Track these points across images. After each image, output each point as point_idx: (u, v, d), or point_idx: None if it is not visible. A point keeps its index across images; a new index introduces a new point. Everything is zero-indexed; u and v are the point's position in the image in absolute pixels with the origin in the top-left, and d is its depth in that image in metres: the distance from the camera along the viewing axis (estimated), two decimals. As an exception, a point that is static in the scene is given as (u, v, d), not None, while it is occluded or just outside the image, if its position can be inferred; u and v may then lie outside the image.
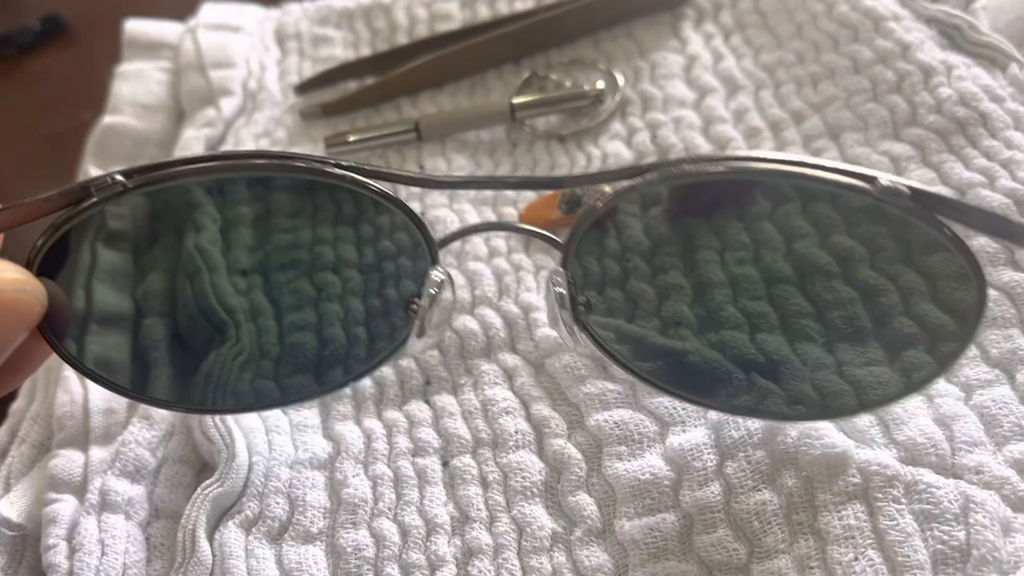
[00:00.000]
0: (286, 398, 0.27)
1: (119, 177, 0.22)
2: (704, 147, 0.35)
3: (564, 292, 0.25)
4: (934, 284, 0.23)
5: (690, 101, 0.38)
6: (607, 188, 0.34)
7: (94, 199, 0.22)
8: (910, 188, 0.21)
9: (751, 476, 0.26)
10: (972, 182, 0.31)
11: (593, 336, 0.26)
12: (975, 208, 0.22)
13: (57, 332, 0.23)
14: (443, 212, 0.36)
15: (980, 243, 0.29)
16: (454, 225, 0.35)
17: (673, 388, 0.26)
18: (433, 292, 0.25)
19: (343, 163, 0.23)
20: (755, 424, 0.26)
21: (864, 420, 0.26)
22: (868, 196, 0.22)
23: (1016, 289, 0.27)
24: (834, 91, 0.36)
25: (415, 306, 0.26)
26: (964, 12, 0.36)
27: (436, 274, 0.25)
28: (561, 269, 0.25)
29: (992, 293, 0.28)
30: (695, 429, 0.27)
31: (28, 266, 0.22)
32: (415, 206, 0.36)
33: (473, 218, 0.36)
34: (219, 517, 0.28)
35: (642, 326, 0.26)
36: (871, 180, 0.21)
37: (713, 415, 0.27)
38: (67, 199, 0.22)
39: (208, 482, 0.28)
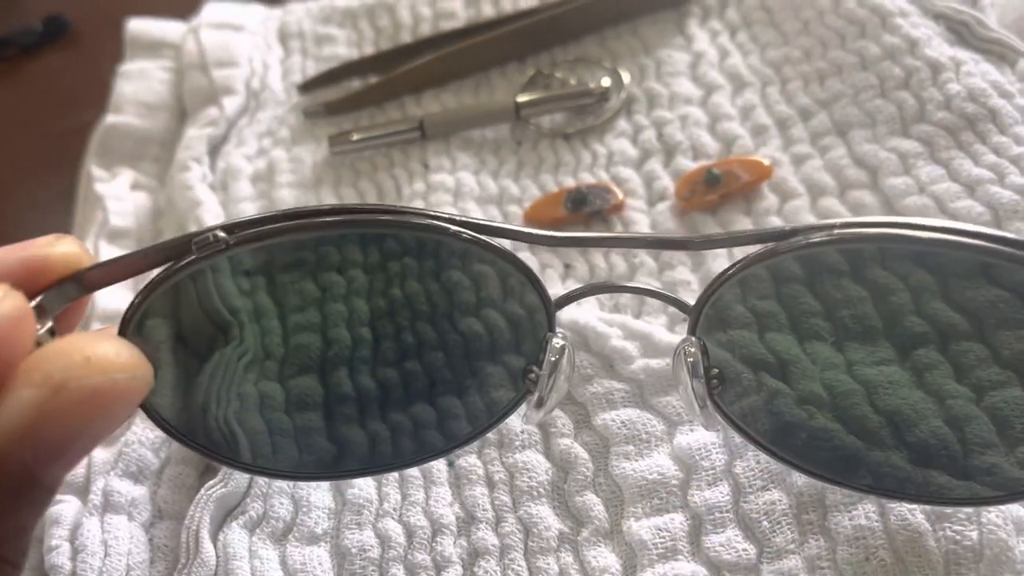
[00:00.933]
0: (385, 464, 0.26)
1: (221, 234, 0.21)
2: (710, 145, 0.35)
3: (697, 363, 0.23)
4: None
5: (696, 98, 0.37)
6: (617, 192, 0.34)
7: (194, 256, 0.21)
8: None
9: (760, 475, 0.26)
10: (981, 179, 0.30)
11: (725, 412, 0.24)
12: None
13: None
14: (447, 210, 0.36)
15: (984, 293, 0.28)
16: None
17: (814, 469, 0.24)
18: (553, 360, 0.23)
19: (456, 218, 0.22)
20: (764, 423, 0.26)
21: (874, 421, 0.26)
22: None
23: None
24: (841, 87, 0.35)
25: (532, 375, 0.24)
26: (972, 8, 0.36)
27: (557, 340, 0.23)
28: (692, 338, 0.23)
29: (1004, 294, 0.27)
30: (703, 428, 0.27)
31: (123, 330, 0.21)
32: (418, 204, 0.36)
33: (476, 215, 0.35)
34: (223, 518, 0.27)
35: (779, 404, 0.23)
36: None
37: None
38: (166, 254, 0.21)
39: (212, 483, 0.27)
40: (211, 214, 0.36)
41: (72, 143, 0.45)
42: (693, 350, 0.23)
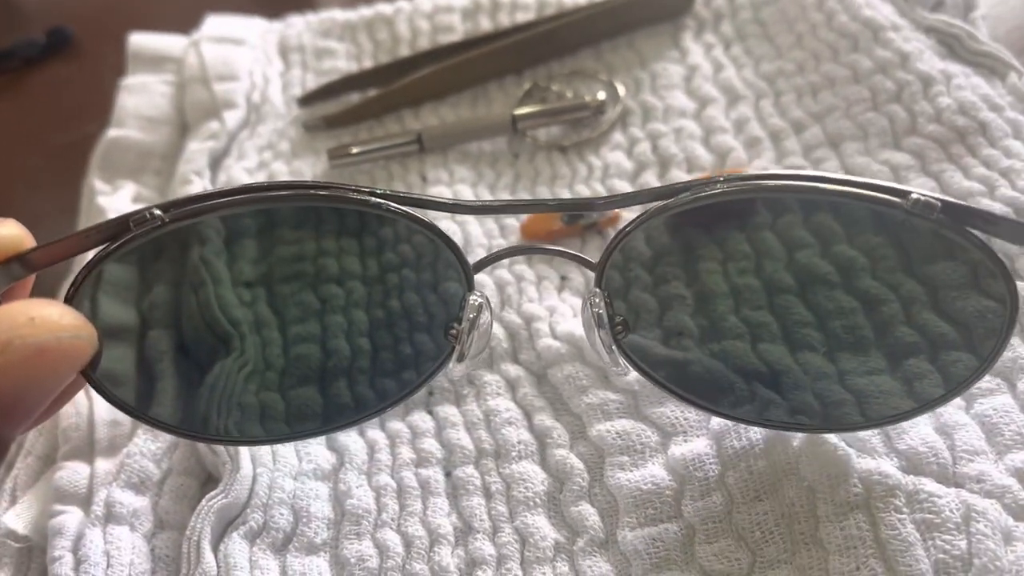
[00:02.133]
0: (321, 425, 0.27)
1: (157, 212, 0.22)
2: (705, 157, 0.36)
3: (602, 313, 0.25)
4: (967, 294, 0.24)
5: (691, 111, 0.38)
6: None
7: (133, 233, 0.22)
8: (941, 201, 0.22)
9: (753, 486, 0.26)
10: (972, 191, 0.31)
11: (630, 357, 0.26)
12: (1005, 219, 0.22)
13: (94, 368, 0.23)
14: (444, 222, 0.36)
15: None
16: (455, 235, 0.35)
17: (715, 407, 0.26)
18: (472, 316, 0.25)
19: (377, 190, 0.24)
20: (756, 434, 0.26)
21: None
22: (900, 210, 0.22)
23: (964, 270, 0.27)
24: (834, 101, 0.36)
25: (454, 331, 0.25)
26: (963, 22, 0.36)
27: (474, 298, 0.25)
28: (597, 290, 0.25)
29: (992, 304, 0.28)
30: (697, 439, 0.27)
31: (68, 300, 0.22)
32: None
33: (475, 227, 0.36)
34: (224, 528, 0.28)
35: (677, 344, 0.26)
36: (903, 195, 0.22)
37: (715, 424, 0.27)
38: (105, 234, 0.22)
39: (212, 493, 0.28)
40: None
41: (74, 156, 0.45)
42: (598, 300, 0.25)
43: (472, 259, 0.25)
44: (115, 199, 0.40)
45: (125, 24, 0.49)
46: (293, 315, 0.26)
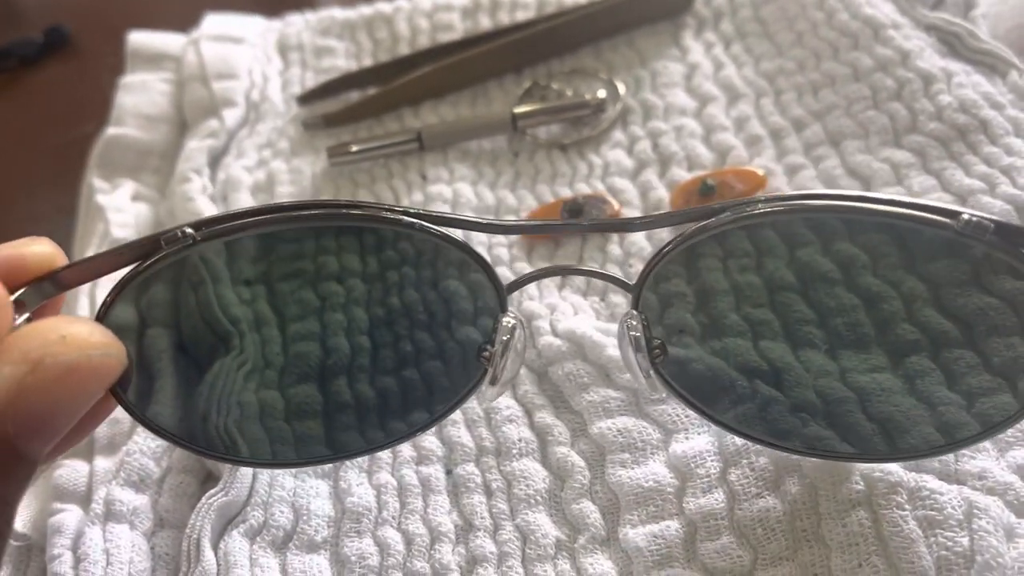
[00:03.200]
0: (349, 450, 0.27)
1: (189, 230, 0.22)
2: (705, 156, 0.36)
3: (639, 336, 0.24)
4: (1013, 322, 0.23)
5: (691, 109, 0.38)
6: (613, 202, 0.34)
7: (164, 252, 0.22)
8: (995, 223, 0.21)
9: (755, 483, 0.26)
10: (973, 189, 0.31)
11: (668, 383, 0.25)
12: None
13: (124, 387, 0.23)
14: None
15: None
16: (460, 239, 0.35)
17: (756, 435, 0.25)
18: (505, 339, 0.24)
19: (411, 210, 0.23)
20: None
21: (867, 428, 0.26)
22: (951, 231, 0.21)
23: (1018, 297, 0.27)
24: (835, 99, 0.36)
25: (487, 353, 0.25)
26: (963, 20, 0.36)
27: (507, 320, 0.25)
28: (634, 312, 0.24)
29: (993, 301, 0.28)
30: (698, 436, 0.27)
31: (99, 318, 0.22)
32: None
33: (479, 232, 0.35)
34: (223, 526, 0.28)
35: (719, 369, 0.25)
36: (954, 215, 0.21)
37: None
38: (137, 252, 0.22)
39: (212, 491, 0.28)
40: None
41: (72, 155, 0.45)
42: (635, 323, 0.24)
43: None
44: (114, 197, 0.40)
45: (123, 23, 0.49)
46: (322, 336, 0.26)
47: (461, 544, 0.27)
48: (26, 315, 0.21)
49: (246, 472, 0.28)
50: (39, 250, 0.21)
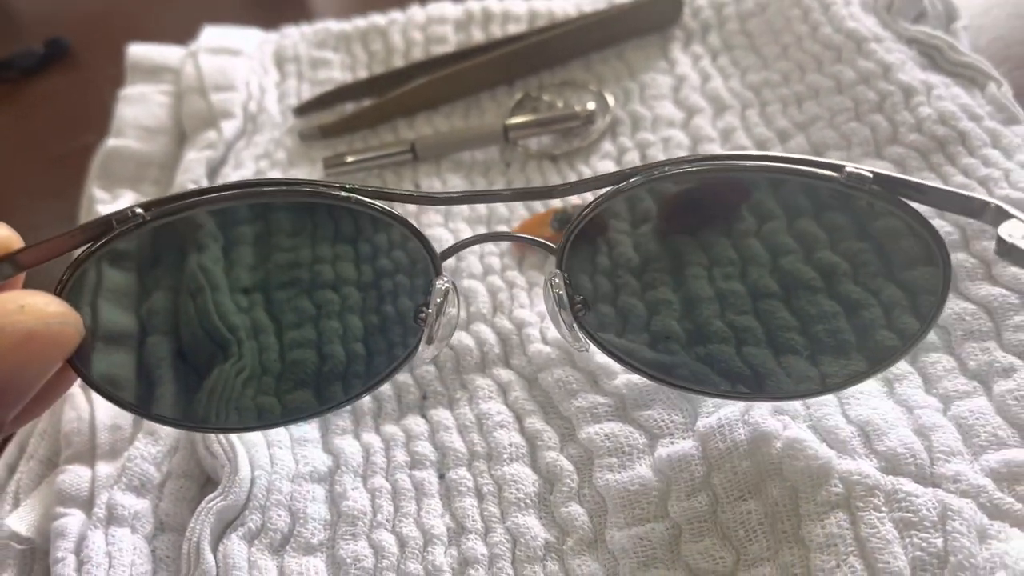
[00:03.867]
0: (301, 413, 0.28)
1: (139, 210, 0.23)
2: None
3: (563, 293, 0.26)
4: (901, 264, 0.25)
5: (678, 121, 0.38)
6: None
7: (116, 231, 0.23)
8: (874, 173, 0.23)
9: (737, 486, 0.26)
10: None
11: (591, 334, 0.27)
12: (935, 188, 0.24)
13: (82, 360, 0.24)
14: (439, 231, 0.37)
15: (958, 258, 0.29)
16: (447, 242, 0.36)
17: (667, 378, 0.28)
18: (439, 301, 0.26)
19: (347, 185, 0.25)
20: (741, 435, 0.27)
21: (846, 431, 0.27)
22: (836, 183, 0.24)
23: (992, 303, 0.28)
24: (818, 110, 0.36)
25: (423, 315, 0.27)
26: (944, 33, 0.37)
27: (440, 283, 0.26)
28: (557, 270, 0.26)
29: (969, 307, 0.29)
30: (683, 441, 0.28)
31: (58, 295, 0.23)
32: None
33: (467, 231, 0.36)
34: (223, 530, 0.28)
35: (633, 320, 0.27)
36: (838, 168, 0.24)
37: (701, 426, 0.28)
38: (90, 233, 0.23)
39: (212, 496, 0.28)
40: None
41: (72, 166, 0.46)
42: (558, 281, 0.26)
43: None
44: (114, 207, 0.40)
45: (122, 35, 0.50)
46: (272, 309, 0.28)
47: (453, 546, 0.28)
48: None
49: (245, 476, 0.29)
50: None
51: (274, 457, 0.30)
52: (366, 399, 0.32)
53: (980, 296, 0.29)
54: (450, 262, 0.33)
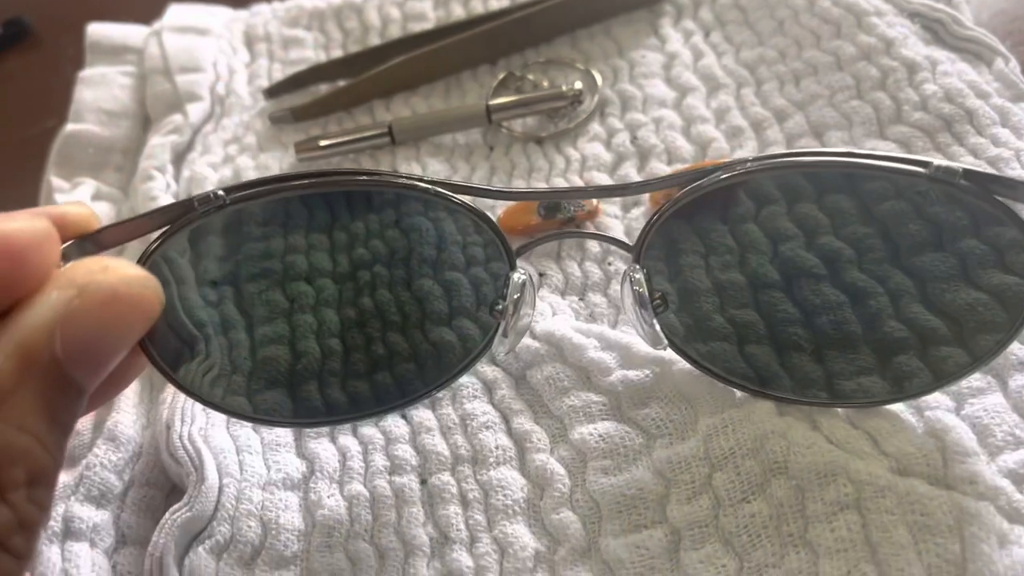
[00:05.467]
0: (373, 407, 0.28)
1: (220, 192, 0.23)
2: (685, 148, 0.35)
3: (642, 291, 0.25)
4: (993, 257, 0.24)
5: (670, 100, 0.37)
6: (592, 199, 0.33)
7: (197, 211, 0.23)
8: (963, 168, 0.22)
9: (741, 487, 0.25)
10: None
11: (667, 334, 0.26)
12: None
13: (154, 343, 0.24)
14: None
15: (969, 244, 0.28)
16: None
17: (750, 384, 0.26)
18: (516, 296, 0.26)
19: (426, 178, 0.25)
20: (745, 433, 0.26)
21: (853, 432, 0.25)
22: (923, 178, 0.23)
23: (1007, 292, 0.27)
24: (817, 88, 0.35)
25: (499, 307, 0.26)
26: (947, 6, 0.36)
27: (517, 276, 0.26)
28: (636, 266, 0.26)
29: (982, 297, 0.27)
30: (683, 440, 0.26)
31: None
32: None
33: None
34: (189, 542, 0.27)
35: (714, 322, 0.26)
36: (925, 164, 0.23)
37: (702, 424, 0.26)
38: (170, 214, 0.24)
39: (176, 506, 0.27)
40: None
41: (33, 151, 0.44)
42: (638, 276, 0.26)
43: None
44: (73, 197, 0.38)
45: (85, 14, 0.48)
46: (335, 295, 0.27)
47: (436, 558, 0.26)
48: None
49: (212, 485, 0.27)
50: (80, 211, 0.23)
51: (244, 463, 0.28)
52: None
53: (993, 285, 0.27)
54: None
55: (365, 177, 0.25)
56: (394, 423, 0.29)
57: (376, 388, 0.27)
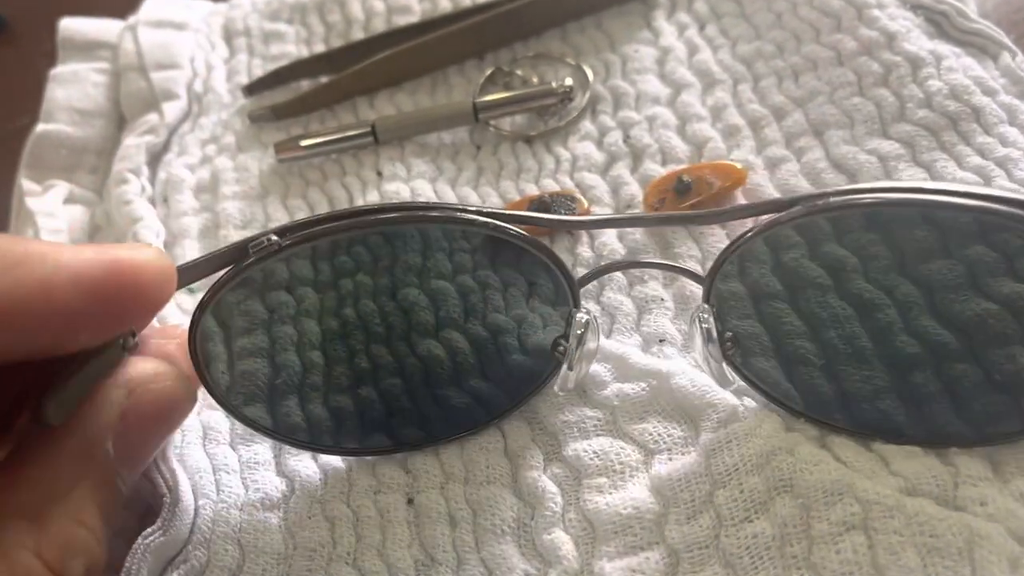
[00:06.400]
0: (423, 442, 0.27)
1: (274, 237, 0.23)
2: (680, 148, 0.33)
3: (711, 328, 0.25)
4: None
5: (664, 97, 0.36)
6: (583, 200, 0.32)
7: (251, 259, 0.24)
8: None
9: (743, 505, 0.24)
10: (967, 182, 0.29)
11: (741, 372, 0.26)
12: None
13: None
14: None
15: (978, 251, 0.27)
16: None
17: (829, 420, 0.25)
18: (579, 333, 0.25)
19: (484, 210, 0.25)
20: (750, 449, 0.24)
21: (861, 451, 0.24)
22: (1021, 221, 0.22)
23: (1018, 303, 0.26)
24: (817, 84, 0.34)
25: (562, 348, 0.26)
26: (951, -3, 0.34)
27: (581, 316, 0.25)
28: (706, 305, 0.25)
29: (991, 307, 0.26)
30: (683, 456, 0.25)
31: (194, 323, 0.24)
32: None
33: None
34: (163, 568, 0.25)
35: (789, 359, 0.25)
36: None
37: (704, 439, 0.25)
38: (226, 259, 0.24)
39: (149, 530, 0.25)
40: (151, 231, 0.34)
41: (6, 151, 0.43)
42: (707, 316, 0.25)
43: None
44: (44, 200, 0.37)
45: (62, 8, 0.47)
46: (399, 334, 0.27)
47: (422, 582, 0.25)
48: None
49: (187, 507, 0.26)
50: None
51: (220, 483, 0.27)
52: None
53: (1003, 295, 0.26)
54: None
55: (422, 212, 0.25)
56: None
57: (430, 424, 0.27)
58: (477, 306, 0.27)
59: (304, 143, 0.37)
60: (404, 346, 0.27)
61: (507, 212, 0.25)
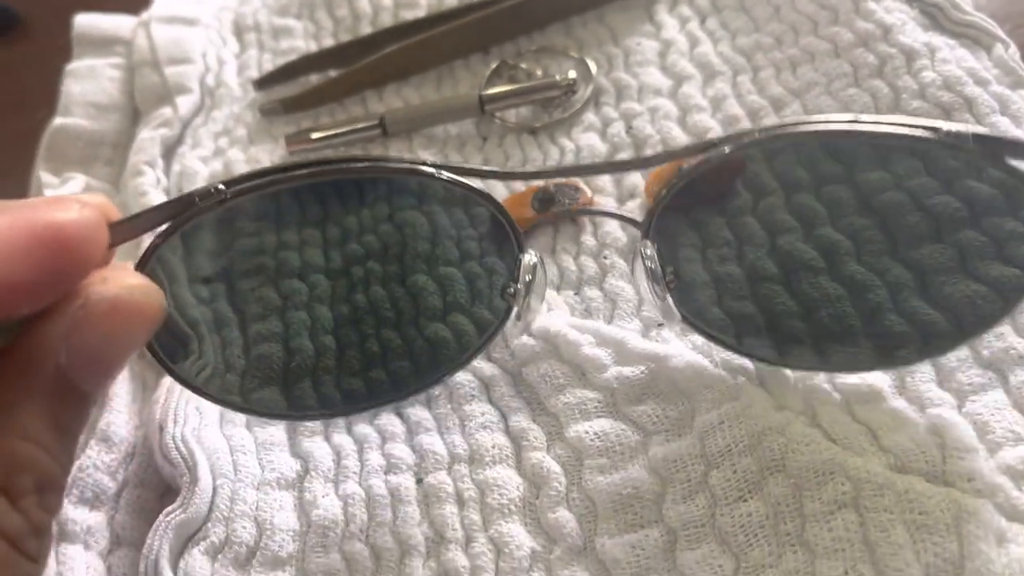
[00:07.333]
0: (386, 396, 0.28)
1: (220, 187, 0.23)
2: (682, 138, 0.34)
3: (654, 266, 0.25)
4: (1001, 218, 0.24)
5: (666, 89, 0.36)
6: (586, 190, 0.33)
7: (196, 208, 0.23)
8: (973, 133, 0.22)
9: (737, 485, 0.25)
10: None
11: (679, 308, 0.26)
12: None
13: (161, 345, 0.24)
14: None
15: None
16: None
17: (768, 357, 0.26)
18: (528, 277, 0.26)
19: (429, 161, 0.25)
20: (741, 430, 0.25)
21: (852, 427, 0.25)
22: (934, 144, 0.22)
23: (1006, 285, 0.26)
24: (814, 76, 0.34)
25: (511, 291, 0.26)
26: (946, -11, 0.35)
27: (529, 257, 0.26)
28: (647, 241, 0.25)
29: (981, 289, 0.27)
30: (679, 438, 0.26)
31: (139, 268, 0.23)
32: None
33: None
34: (183, 544, 0.26)
35: (726, 294, 0.26)
36: (934, 129, 0.22)
37: (700, 422, 0.26)
38: (172, 210, 0.23)
39: (170, 508, 0.27)
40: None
41: (23, 144, 0.43)
42: (648, 251, 0.25)
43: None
44: (63, 192, 0.38)
45: (75, 4, 0.47)
46: (346, 285, 0.27)
47: (432, 558, 0.26)
48: None
49: (206, 487, 0.27)
50: (101, 202, 0.23)
51: (237, 463, 0.28)
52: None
53: (992, 277, 0.27)
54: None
55: (368, 164, 0.25)
56: (389, 421, 0.29)
57: (389, 377, 0.27)
58: (424, 256, 0.27)
59: (314, 135, 0.38)
60: (354, 298, 0.27)
61: (456, 165, 0.25)
